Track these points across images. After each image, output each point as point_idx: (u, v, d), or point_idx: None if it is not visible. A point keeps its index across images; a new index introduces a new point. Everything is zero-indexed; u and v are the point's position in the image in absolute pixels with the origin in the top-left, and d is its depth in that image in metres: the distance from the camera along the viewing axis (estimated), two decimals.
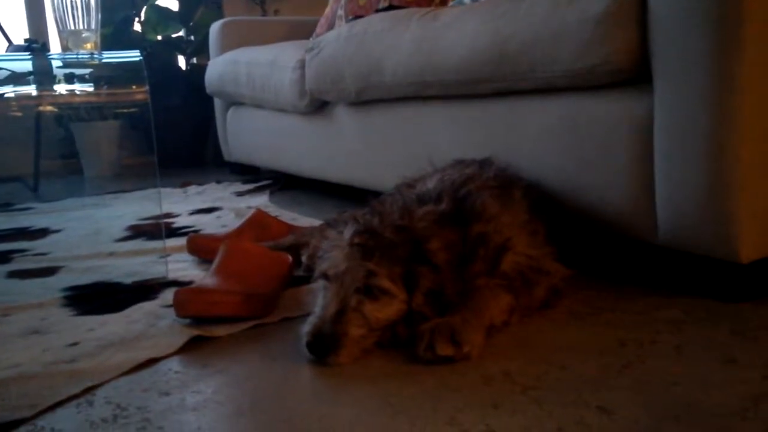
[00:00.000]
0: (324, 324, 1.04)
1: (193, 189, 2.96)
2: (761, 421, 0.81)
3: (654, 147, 1.25)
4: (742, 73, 1.10)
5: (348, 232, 1.10)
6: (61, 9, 1.68)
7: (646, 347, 1.05)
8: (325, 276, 1.10)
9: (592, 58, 1.30)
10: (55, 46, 2.96)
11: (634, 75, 1.28)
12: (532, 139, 1.51)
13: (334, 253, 1.10)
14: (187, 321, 1.22)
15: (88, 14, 1.67)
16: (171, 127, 3.68)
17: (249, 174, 3.29)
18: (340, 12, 2.94)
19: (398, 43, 1.86)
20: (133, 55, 1.66)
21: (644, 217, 1.30)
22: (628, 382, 0.93)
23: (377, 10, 2.54)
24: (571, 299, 1.26)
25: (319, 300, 1.10)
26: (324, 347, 1.03)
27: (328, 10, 3.10)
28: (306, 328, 1.06)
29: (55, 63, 1.86)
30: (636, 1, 1.24)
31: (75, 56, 1.66)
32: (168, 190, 2.93)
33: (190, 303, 1.20)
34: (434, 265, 1.08)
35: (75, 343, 1.17)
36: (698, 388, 0.90)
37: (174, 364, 1.09)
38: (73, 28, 1.67)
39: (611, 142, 1.34)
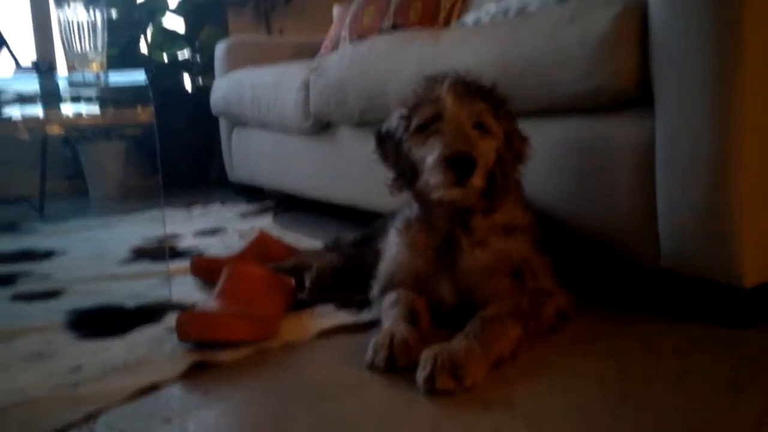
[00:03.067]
0: (464, 145, 1.13)
1: (197, 210, 2.97)
2: None
3: (656, 170, 1.25)
4: (743, 98, 1.10)
5: (446, 83, 1.20)
6: (67, 30, 1.70)
7: (648, 374, 1.04)
8: (436, 118, 1.18)
9: (593, 81, 1.31)
10: (62, 68, 2.99)
11: (636, 98, 1.28)
12: (535, 159, 1.51)
13: (436, 95, 1.20)
14: (190, 345, 1.22)
15: (95, 36, 1.69)
16: (176, 148, 3.70)
17: (253, 195, 3.29)
18: (344, 32, 2.97)
19: (402, 64, 1.87)
20: (139, 77, 1.67)
21: (646, 240, 1.29)
22: (630, 410, 0.93)
23: (381, 31, 2.57)
24: (574, 324, 1.25)
25: (432, 142, 1.18)
26: (466, 166, 1.12)
27: (332, 30, 3.12)
28: (442, 150, 1.14)
29: (62, 84, 1.88)
30: (637, 23, 1.25)
31: (81, 78, 1.68)
32: (173, 210, 2.94)
33: (192, 327, 1.20)
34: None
35: (78, 368, 1.17)
36: (700, 416, 0.90)
37: (176, 389, 1.09)
38: (79, 49, 1.69)
39: (613, 165, 1.34)
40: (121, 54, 3.75)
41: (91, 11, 1.65)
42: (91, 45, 1.71)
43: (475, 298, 1.22)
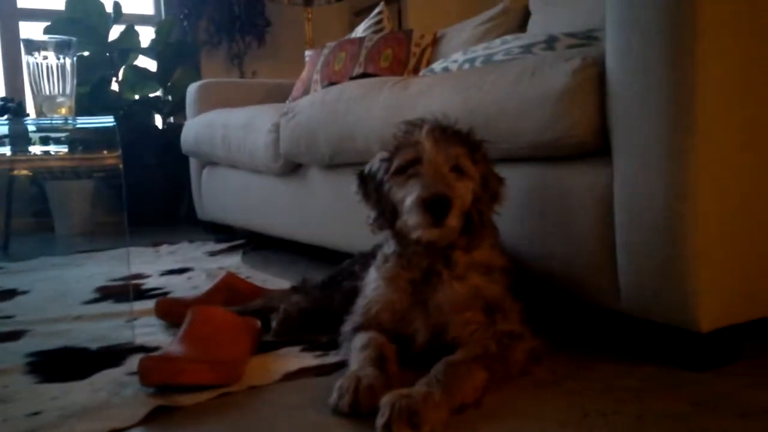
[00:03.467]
0: (441, 187, 1.17)
1: (165, 248, 2.95)
2: None
3: (614, 217, 1.28)
4: (697, 149, 1.14)
5: (425, 128, 1.25)
6: (36, 74, 1.70)
7: (608, 417, 1.06)
8: (415, 162, 1.22)
9: (553, 132, 1.35)
10: (30, 108, 2.99)
11: (595, 148, 1.32)
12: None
13: (416, 139, 1.24)
14: (152, 390, 1.21)
15: (64, 79, 1.70)
16: (146, 186, 3.70)
17: (222, 233, 3.29)
18: (316, 76, 3.02)
19: (371, 110, 1.91)
20: (107, 121, 1.67)
21: (607, 285, 1.32)
22: None
23: (351, 77, 2.61)
24: (537, 367, 1.26)
25: (411, 184, 1.22)
26: (442, 208, 1.16)
27: (304, 74, 3.17)
28: (420, 192, 1.17)
29: (30, 128, 1.88)
30: (595, 77, 1.29)
31: (49, 122, 1.67)
32: (140, 249, 2.92)
33: (155, 371, 1.19)
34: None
35: (37, 413, 1.15)
36: None
37: None
38: (48, 92, 1.69)
39: (574, 212, 1.37)
40: (92, 92, 3.76)
41: (61, 57, 1.66)
42: (60, 89, 1.71)
43: (446, 334, 1.23)
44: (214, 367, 1.22)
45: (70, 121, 1.67)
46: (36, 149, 1.92)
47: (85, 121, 1.82)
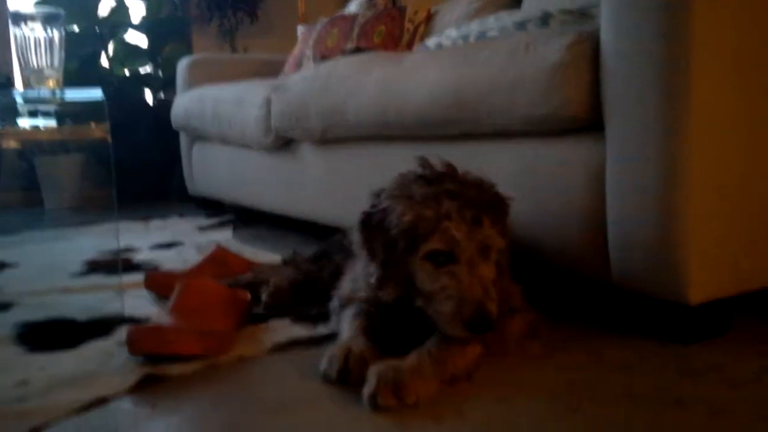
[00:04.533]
0: (481, 301, 1.07)
1: (155, 223, 2.94)
2: None
3: (606, 191, 1.28)
4: (690, 126, 1.14)
5: (454, 212, 1.11)
6: (23, 47, 1.67)
7: (596, 388, 1.07)
8: (448, 254, 1.11)
9: (547, 107, 1.34)
10: (19, 81, 2.95)
11: (588, 123, 1.32)
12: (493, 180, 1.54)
13: (445, 225, 1.11)
14: (140, 359, 1.21)
15: (52, 53, 1.67)
16: (137, 161, 3.67)
17: (213, 208, 3.27)
18: (308, 52, 2.99)
19: (363, 84, 1.89)
20: (96, 94, 1.65)
21: (599, 258, 1.32)
22: (579, 425, 0.95)
23: (344, 52, 2.59)
24: (533, 341, 1.26)
25: (446, 284, 1.10)
26: (488, 324, 1.07)
27: (296, 49, 3.14)
28: (459, 307, 1.07)
29: (18, 99, 1.85)
30: (589, 53, 1.28)
31: (37, 94, 1.65)
32: (131, 223, 2.91)
33: (144, 341, 1.19)
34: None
35: (24, 381, 1.15)
36: (646, 430, 0.92)
37: (125, 403, 1.07)
38: (35, 65, 1.67)
39: (567, 187, 1.37)
40: (81, 67, 3.71)
41: (49, 29, 1.64)
42: (48, 62, 1.69)
43: None
44: (203, 337, 1.22)
45: (57, 94, 1.65)
46: (24, 122, 1.90)
47: (74, 94, 1.80)
